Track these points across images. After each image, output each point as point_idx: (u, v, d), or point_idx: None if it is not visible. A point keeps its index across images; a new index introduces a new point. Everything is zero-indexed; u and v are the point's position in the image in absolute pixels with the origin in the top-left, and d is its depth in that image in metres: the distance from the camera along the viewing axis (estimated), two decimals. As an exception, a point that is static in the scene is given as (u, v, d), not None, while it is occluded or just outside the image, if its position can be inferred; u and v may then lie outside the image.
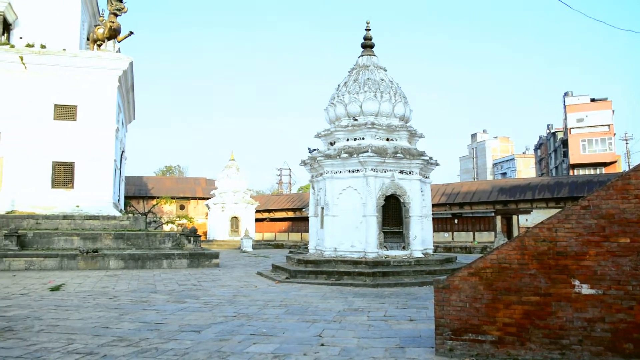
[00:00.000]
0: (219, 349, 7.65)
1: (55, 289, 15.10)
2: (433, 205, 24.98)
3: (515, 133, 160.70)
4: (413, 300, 13.00)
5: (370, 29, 21.52)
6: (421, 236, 19.14)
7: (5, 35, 29.06)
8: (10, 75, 27.49)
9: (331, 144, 20.58)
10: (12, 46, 27.87)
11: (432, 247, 20.63)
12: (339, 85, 21.09)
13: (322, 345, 7.93)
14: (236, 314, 10.83)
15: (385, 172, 18.70)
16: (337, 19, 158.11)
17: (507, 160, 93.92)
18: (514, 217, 39.08)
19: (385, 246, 18.48)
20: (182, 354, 7.30)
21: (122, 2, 29.06)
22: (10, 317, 10.23)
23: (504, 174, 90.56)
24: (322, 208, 19.73)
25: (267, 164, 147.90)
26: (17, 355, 7.19)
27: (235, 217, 47.62)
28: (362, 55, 21.38)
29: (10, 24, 29.47)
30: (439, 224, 40.39)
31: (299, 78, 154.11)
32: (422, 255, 18.93)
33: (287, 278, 18.02)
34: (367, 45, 21.50)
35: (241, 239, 43.21)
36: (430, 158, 20.02)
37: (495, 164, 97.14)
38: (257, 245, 45.03)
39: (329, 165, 19.29)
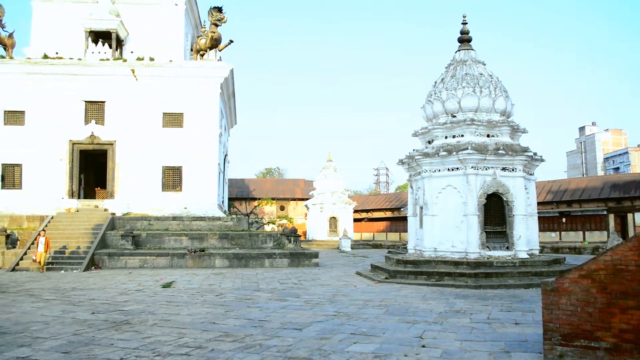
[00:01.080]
0: (320, 347, 7.76)
1: (167, 285, 16.04)
2: (538, 204, 23.82)
3: (628, 125, 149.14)
4: (518, 302, 12.47)
5: (466, 23, 20.90)
6: (526, 236, 18.29)
7: (118, 50, 31.31)
8: (124, 87, 29.65)
9: (429, 142, 20.22)
10: (125, 60, 30.01)
11: (538, 248, 19.64)
12: (435, 82, 20.67)
13: (423, 346, 7.82)
14: (336, 313, 10.94)
15: (486, 169, 18.08)
16: (434, 15, 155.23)
17: (620, 154, 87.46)
18: (629, 216, 36.32)
19: (487, 246, 17.87)
20: (284, 351, 7.49)
21: (221, 12, 30.36)
22: (127, 312, 11.00)
23: (617, 169, 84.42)
24: (421, 207, 19.43)
25: (364, 164, 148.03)
26: (134, 346, 7.72)
27: (334, 217, 48.05)
28: (459, 50, 20.82)
29: (122, 40, 31.71)
30: (545, 223, 38.42)
31: (396, 77, 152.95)
32: (527, 256, 18.09)
33: (386, 278, 17.94)
34: (464, 40, 20.90)
35: (340, 238, 43.53)
36: (535, 154, 19.08)
37: (606, 159, 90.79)
38: (356, 245, 45.17)
39: (427, 163, 18.96)
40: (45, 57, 29.76)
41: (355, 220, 52.66)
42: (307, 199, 53.40)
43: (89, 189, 31.93)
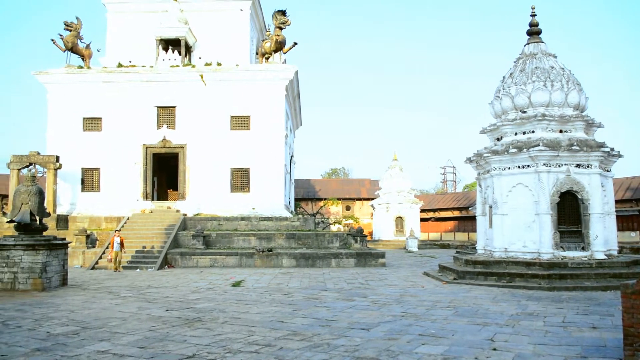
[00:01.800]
0: (387, 347, 7.71)
1: (236, 284, 16.41)
2: (616, 202, 22.67)
3: None
4: (595, 305, 11.91)
5: (535, 15, 20.13)
6: (603, 236, 17.42)
7: (187, 57, 32.36)
8: (193, 92, 30.64)
9: (498, 139, 19.66)
10: (194, 66, 30.99)
11: (616, 248, 18.65)
12: (504, 77, 20.06)
13: (494, 350, 7.62)
14: (404, 313, 10.84)
15: (559, 166, 17.37)
16: (502, 8, 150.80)
17: None
18: None
19: (561, 247, 17.16)
20: (352, 351, 7.49)
21: (285, 15, 30.78)
22: (199, 309, 11.35)
23: None
24: (490, 207, 18.93)
25: (430, 163, 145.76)
26: (205, 343, 7.95)
27: (400, 217, 47.62)
28: (528, 43, 20.10)
29: (191, 47, 32.76)
30: (624, 222, 36.41)
31: (464, 74, 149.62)
32: (605, 257, 17.23)
33: (454, 279, 17.60)
34: (534, 32, 20.14)
35: (406, 238, 43.10)
36: (612, 149, 18.14)
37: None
38: (423, 245, 44.58)
39: (497, 161, 18.44)
40: (120, 65, 31.19)
41: (422, 220, 51.98)
42: (372, 199, 53.20)
43: (162, 191, 33.18)
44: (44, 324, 9.60)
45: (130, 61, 31.88)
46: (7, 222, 16.53)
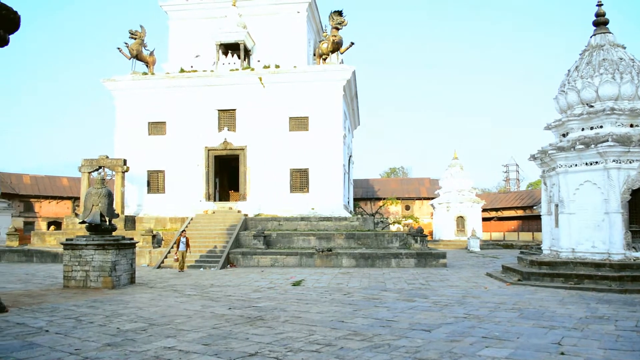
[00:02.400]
0: (450, 349, 7.59)
1: (297, 284, 16.57)
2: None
3: None
4: (672, 308, 11.29)
5: (602, 4, 19.24)
6: (680, 235, 16.49)
7: (246, 60, 32.97)
8: (252, 94, 31.18)
9: (563, 135, 18.94)
10: (252, 69, 31.55)
11: (696, 248, 17.62)
12: (569, 71, 19.31)
13: (562, 354, 7.35)
14: (466, 315, 10.63)
15: (630, 162, 16.56)
16: (565, 6, 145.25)
17: None
18: None
19: (634, 247, 16.35)
20: (413, 352, 7.42)
21: (342, 16, 30.81)
22: (260, 308, 11.54)
23: None
24: (556, 205, 18.28)
25: (492, 161, 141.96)
26: (267, 341, 8.07)
27: (461, 217, 46.73)
28: (594, 35, 19.26)
29: (249, 50, 33.35)
30: None
31: (525, 69, 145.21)
32: (683, 257, 16.29)
33: (519, 280, 17.10)
34: (600, 23, 19.26)
35: (468, 238, 42.27)
36: (688, 144, 17.13)
37: None
38: (485, 245, 43.57)
39: (562, 158, 17.78)
40: (182, 71, 32.14)
41: (484, 219, 50.80)
42: (432, 198, 52.49)
43: (223, 192, 33.95)
44: (114, 320, 10.01)
45: (191, 66, 32.81)
46: (79, 222, 17.34)
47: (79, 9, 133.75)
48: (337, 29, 30.96)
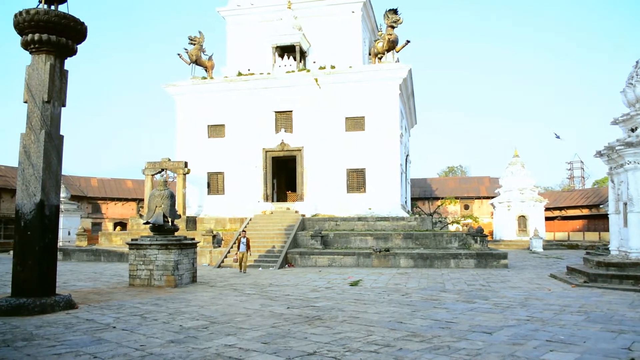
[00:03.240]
0: (512, 352, 7.39)
1: (354, 284, 16.56)
2: None
3: None
4: None
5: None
6: None
7: (302, 62, 33.24)
8: (308, 96, 31.41)
9: (632, 130, 18.06)
10: (308, 71, 31.78)
11: None
12: (637, 62, 18.38)
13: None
14: (529, 317, 10.32)
15: None
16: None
17: None
18: None
19: None
20: (474, 354, 7.27)
21: (397, 14, 30.55)
22: (318, 307, 11.60)
23: None
24: (625, 204, 17.46)
25: (554, 158, 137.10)
26: (325, 341, 8.10)
27: (523, 216, 45.43)
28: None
29: (305, 52, 33.60)
30: None
31: (588, 61, 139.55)
32: None
33: (585, 282, 16.45)
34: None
35: (530, 238, 41.04)
36: None
37: None
38: (548, 245, 42.15)
39: (631, 154, 16.96)
40: (239, 74, 32.75)
41: (547, 218, 49.18)
42: (492, 197, 51.29)
43: (281, 193, 34.35)
44: (177, 317, 10.31)
45: (248, 69, 33.38)
46: (143, 223, 17.96)
47: (141, 18, 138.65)
48: (393, 27, 30.71)
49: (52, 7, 11.77)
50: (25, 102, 11.62)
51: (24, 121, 11.57)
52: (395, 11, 30.62)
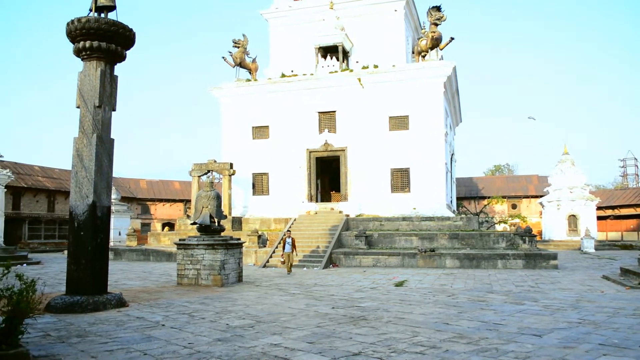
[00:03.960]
0: (563, 356, 7.19)
1: (399, 284, 16.44)
2: None
3: None
4: None
5: None
6: None
7: (345, 62, 33.25)
8: (351, 96, 31.41)
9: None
10: (351, 70, 31.77)
11: None
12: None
13: (692, 364, 6.73)
14: (581, 320, 10.02)
15: None
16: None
17: None
18: None
19: None
20: (523, 358, 7.11)
21: (440, 11, 30.17)
22: (363, 308, 11.57)
23: None
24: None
25: (606, 155, 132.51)
26: (370, 341, 8.08)
27: (573, 215, 44.12)
28: None
29: (348, 52, 33.60)
30: None
31: (637, 56, 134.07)
32: None
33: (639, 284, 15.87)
34: None
35: (581, 238, 39.80)
36: None
37: None
38: (600, 245, 40.75)
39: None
40: (283, 75, 33.03)
41: (599, 218, 47.59)
42: (541, 196, 50.01)
43: (325, 193, 34.44)
44: (224, 316, 10.48)
45: (292, 70, 33.62)
46: (191, 224, 18.35)
47: (186, 23, 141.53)
48: (436, 24, 30.37)
49: (102, 15, 12.16)
50: (78, 107, 12.04)
51: (77, 126, 11.99)
52: (438, 8, 30.27)
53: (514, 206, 58.63)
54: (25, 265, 25.83)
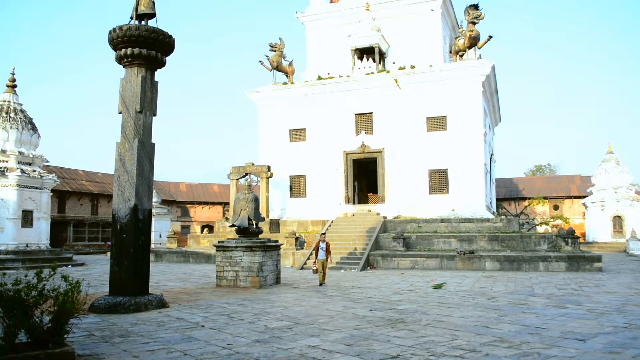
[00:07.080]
0: (608, 361, 7.00)
1: (438, 287, 16.27)
2: None
3: None
4: None
5: None
6: None
7: (381, 63, 33.14)
8: (388, 97, 31.27)
9: None
10: (388, 72, 31.63)
11: None
12: None
13: None
14: (627, 324, 9.72)
15: None
16: None
17: None
18: None
19: None
20: (566, 363, 6.95)
21: (478, 9, 29.72)
22: (401, 310, 11.50)
23: None
24: None
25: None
26: (409, 344, 8.03)
27: (618, 216, 42.79)
28: None
29: (384, 53, 33.47)
30: None
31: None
32: None
33: (691, 287, 15.28)
34: None
35: (626, 240, 38.55)
36: None
37: None
38: (649, 247, 39.43)
39: None
40: (319, 78, 33.12)
41: (647, 218, 45.99)
42: (584, 197, 48.70)
43: (362, 195, 34.37)
44: (262, 318, 10.58)
45: (328, 73, 33.70)
46: (229, 226, 18.57)
47: (224, 28, 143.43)
48: (474, 23, 29.93)
49: (143, 22, 12.47)
50: (120, 112, 12.37)
51: (119, 131, 12.31)
52: (476, 7, 29.83)
53: (555, 207, 57.26)
54: (70, 266, 26.67)
